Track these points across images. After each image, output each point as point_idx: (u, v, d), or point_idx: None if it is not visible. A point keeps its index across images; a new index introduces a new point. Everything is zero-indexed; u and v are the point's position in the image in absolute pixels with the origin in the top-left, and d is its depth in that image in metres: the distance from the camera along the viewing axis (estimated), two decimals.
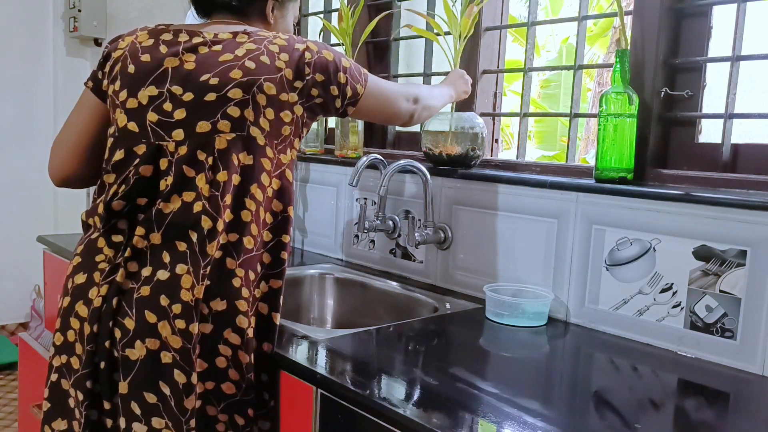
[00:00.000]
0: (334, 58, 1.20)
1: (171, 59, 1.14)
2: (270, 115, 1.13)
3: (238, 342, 1.09)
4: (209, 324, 1.07)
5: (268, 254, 1.15)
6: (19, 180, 3.39)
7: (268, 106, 1.13)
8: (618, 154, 1.35)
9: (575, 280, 1.40)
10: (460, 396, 1.01)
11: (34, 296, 3.46)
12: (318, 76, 1.17)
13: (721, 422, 1.01)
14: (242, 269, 1.10)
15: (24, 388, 2.18)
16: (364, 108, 1.26)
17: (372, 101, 1.26)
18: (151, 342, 1.05)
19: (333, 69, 1.19)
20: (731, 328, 1.18)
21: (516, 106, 1.76)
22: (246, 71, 1.13)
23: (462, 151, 1.61)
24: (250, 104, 1.12)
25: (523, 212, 1.49)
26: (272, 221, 1.16)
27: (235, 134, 1.11)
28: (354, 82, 1.22)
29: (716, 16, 1.34)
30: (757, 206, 1.14)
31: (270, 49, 1.16)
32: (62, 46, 3.47)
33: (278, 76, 1.14)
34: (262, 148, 1.13)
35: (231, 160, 1.11)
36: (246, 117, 1.11)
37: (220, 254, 1.09)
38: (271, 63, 1.14)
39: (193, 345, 1.05)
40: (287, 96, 1.14)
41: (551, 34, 5.37)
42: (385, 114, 1.32)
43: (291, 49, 1.17)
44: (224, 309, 1.08)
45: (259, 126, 1.13)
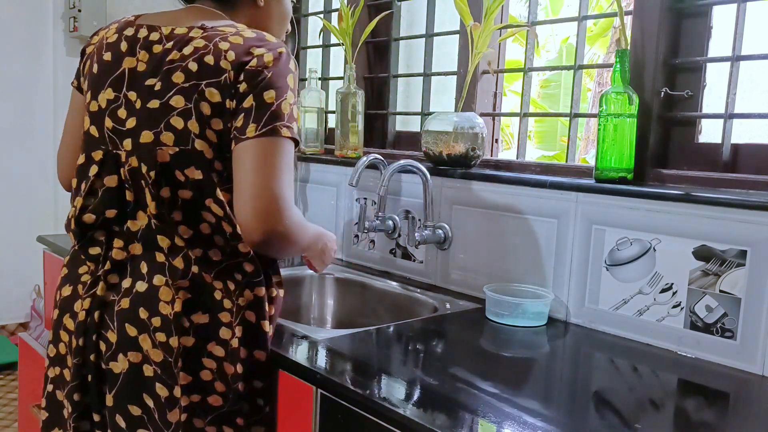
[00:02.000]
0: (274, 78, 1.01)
1: (128, 59, 1.07)
2: (217, 125, 1.02)
3: (222, 354, 1.05)
4: (191, 337, 1.04)
5: (249, 264, 1.06)
6: (19, 180, 3.39)
7: (214, 116, 1.01)
8: (618, 154, 1.35)
9: (575, 280, 1.40)
10: (460, 396, 1.01)
11: (34, 296, 3.45)
12: (243, 85, 1.01)
13: (721, 422, 1.01)
14: (219, 281, 1.06)
15: (24, 388, 2.18)
16: (237, 159, 1.01)
17: (249, 157, 1.00)
18: (133, 355, 1.03)
19: (259, 84, 1.00)
20: (731, 328, 1.18)
21: (516, 106, 1.76)
22: (188, 74, 1.02)
23: (462, 151, 1.61)
24: (193, 114, 1.01)
25: (523, 212, 1.49)
26: (230, 232, 1.05)
27: (179, 148, 1.02)
28: (259, 117, 0.99)
29: (716, 16, 1.34)
30: (757, 206, 1.14)
31: (219, 48, 1.02)
32: (62, 46, 3.46)
33: (221, 79, 1.01)
34: (209, 163, 1.03)
35: (175, 175, 1.02)
36: (190, 129, 1.01)
37: (197, 269, 1.05)
38: (215, 63, 1.01)
39: (175, 358, 1.02)
40: (231, 103, 1.01)
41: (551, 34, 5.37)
42: (248, 189, 1.00)
43: (244, 49, 1.02)
44: (206, 322, 1.05)
45: (206, 139, 1.02)
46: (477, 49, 1.61)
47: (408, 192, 1.75)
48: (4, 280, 3.40)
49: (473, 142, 1.62)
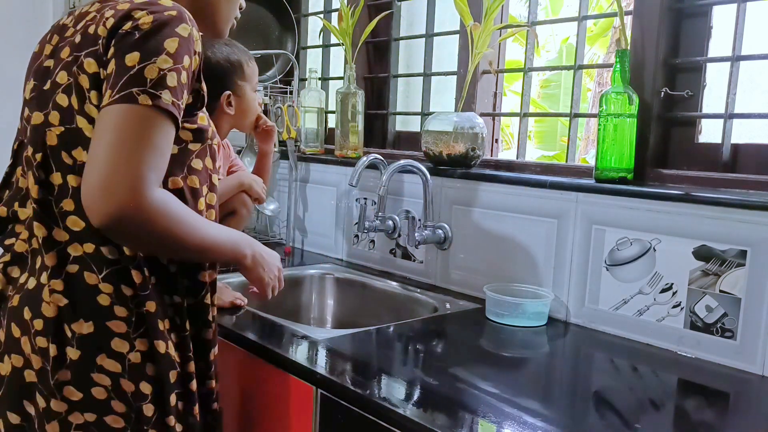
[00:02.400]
0: (142, 39, 0.86)
1: (47, 46, 1.00)
2: (95, 99, 0.89)
3: (117, 369, 0.91)
4: (75, 349, 0.90)
5: (137, 272, 0.92)
6: None
7: (93, 88, 0.89)
8: (618, 154, 1.35)
9: (575, 280, 1.40)
10: (460, 396, 1.01)
11: None
12: (111, 50, 0.88)
13: (721, 422, 1.01)
14: (108, 284, 0.91)
15: None
16: (94, 128, 0.87)
17: (97, 127, 0.86)
18: (15, 358, 0.93)
19: (125, 47, 0.86)
20: (731, 328, 1.18)
21: (516, 106, 1.76)
22: (72, 48, 0.93)
23: (462, 151, 1.61)
24: (73, 89, 0.91)
25: (523, 212, 1.49)
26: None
27: (64, 127, 0.92)
28: (115, 83, 0.85)
29: (716, 16, 1.34)
30: (757, 206, 1.14)
31: (104, 15, 0.91)
32: None
33: (98, 47, 0.90)
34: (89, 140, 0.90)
35: (62, 158, 0.92)
36: (73, 105, 0.91)
37: (77, 268, 0.91)
38: (95, 32, 0.91)
39: (53, 368, 0.90)
40: (104, 73, 0.89)
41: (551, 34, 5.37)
42: (87, 164, 0.85)
43: (126, 12, 0.90)
44: (91, 332, 0.91)
45: (85, 115, 0.90)
46: (477, 49, 1.61)
47: (408, 192, 1.75)
48: None
49: (473, 142, 1.62)
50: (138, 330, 0.92)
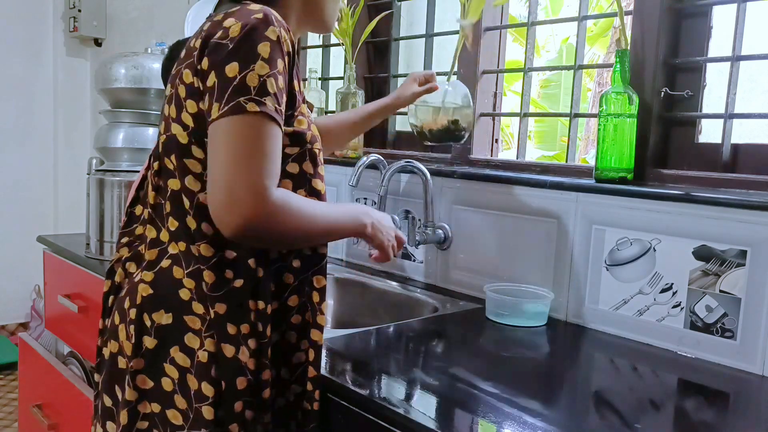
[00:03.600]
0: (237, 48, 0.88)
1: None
2: (191, 107, 0.93)
3: (186, 364, 0.94)
4: (152, 338, 0.95)
5: (210, 272, 0.94)
6: (19, 180, 3.39)
7: (188, 97, 0.94)
8: (618, 154, 1.35)
9: (575, 280, 1.40)
10: (460, 396, 1.01)
11: (34, 296, 3.46)
12: (205, 61, 0.91)
13: (721, 422, 1.01)
14: (191, 279, 0.95)
15: (24, 388, 2.18)
16: (208, 145, 0.91)
17: (213, 142, 0.89)
18: (113, 344, 1.00)
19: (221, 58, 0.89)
20: (731, 328, 1.18)
21: (516, 106, 1.76)
22: (179, 63, 0.98)
23: (444, 125, 1.56)
24: (173, 99, 0.96)
25: (523, 212, 1.49)
26: (213, 232, 0.94)
27: (166, 135, 0.97)
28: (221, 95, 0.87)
29: (716, 16, 1.34)
30: (757, 206, 1.14)
31: (202, 29, 0.95)
32: (62, 46, 3.47)
33: (192, 59, 0.93)
34: (185, 148, 0.94)
35: (165, 164, 0.98)
36: (170, 114, 0.97)
37: (168, 263, 0.97)
38: (194, 43, 0.95)
39: (130, 356, 0.96)
40: (199, 83, 0.93)
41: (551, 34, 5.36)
42: (211, 179, 0.89)
43: (218, 22, 0.92)
44: (169, 323, 0.95)
45: (181, 122, 0.95)
46: (470, 13, 1.53)
47: (408, 192, 1.75)
48: (4, 280, 3.41)
49: (454, 115, 1.56)
50: (210, 330, 0.94)
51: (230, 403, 0.94)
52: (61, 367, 1.91)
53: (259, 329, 0.96)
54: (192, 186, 0.94)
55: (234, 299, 0.94)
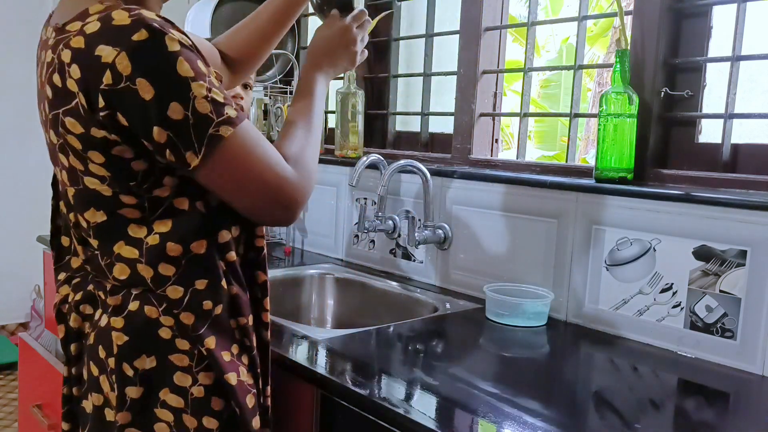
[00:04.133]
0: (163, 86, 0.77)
1: (39, 73, 0.92)
2: (98, 158, 0.82)
3: (180, 405, 0.88)
4: (137, 387, 0.88)
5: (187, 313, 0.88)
6: (19, 180, 3.39)
7: (88, 148, 0.82)
8: (618, 154, 1.35)
9: (575, 280, 1.40)
10: (460, 396, 1.01)
11: (34, 296, 3.46)
12: (117, 113, 0.78)
13: (721, 422, 1.01)
14: (169, 317, 0.88)
15: (24, 388, 2.18)
16: (211, 188, 0.86)
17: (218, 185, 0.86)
18: (96, 397, 0.93)
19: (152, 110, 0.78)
20: (731, 328, 1.18)
21: (516, 106, 1.76)
22: (49, 104, 0.84)
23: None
24: (68, 150, 0.84)
25: (523, 212, 1.49)
26: (172, 273, 0.87)
27: (75, 189, 0.87)
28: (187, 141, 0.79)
29: (716, 16, 1.34)
30: (757, 206, 1.14)
31: (62, 60, 0.80)
32: None
33: (73, 105, 0.80)
34: (111, 200, 0.85)
35: (79, 221, 0.90)
36: (75, 167, 0.85)
37: (137, 305, 0.88)
38: (63, 84, 0.80)
39: (115, 410, 0.89)
40: (102, 133, 0.80)
41: (551, 34, 5.36)
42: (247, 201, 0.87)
43: (87, 55, 0.78)
44: (153, 366, 0.88)
45: (93, 174, 0.84)
46: None
47: (408, 192, 1.75)
48: (4, 280, 3.40)
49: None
50: (201, 363, 0.89)
51: (248, 424, 0.92)
52: (61, 367, 1.91)
53: (246, 343, 0.94)
54: (137, 234, 0.86)
55: (219, 327, 0.89)
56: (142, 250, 0.86)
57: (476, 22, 1.70)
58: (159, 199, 0.86)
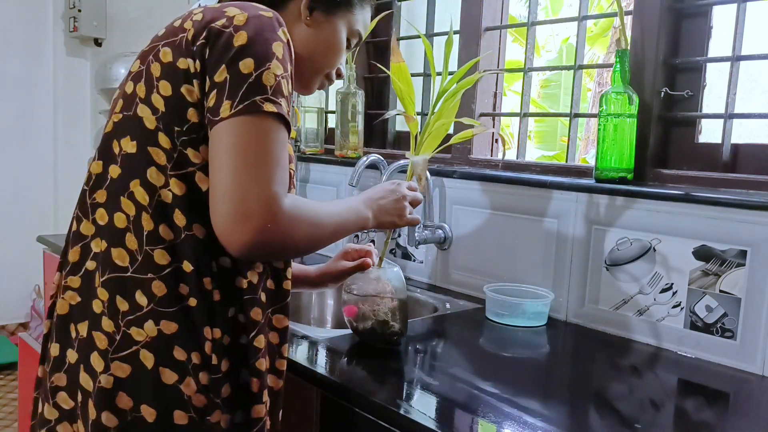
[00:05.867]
0: (251, 43, 0.81)
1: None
2: (165, 89, 0.84)
3: (89, 387, 0.83)
4: (75, 351, 0.86)
5: (160, 283, 0.83)
6: (19, 180, 3.39)
7: (163, 77, 0.85)
8: (618, 154, 1.35)
9: (575, 280, 1.40)
10: (460, 396, 1.01)
11: (34, 296, 3.45)
12: (207, 48, 0.83)
13: (721, 422, 1.01)
14: (105, 291, 0.84)
15: (24, 388, 2.18)
16: (211, 147, 0.83)
17: (223, 144, 0.81)
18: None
19: (232, 51, 0.81)
20: (731, 328, 1.18)
21: (516, 106, 1.76)
22: (153, 40, 0.90)
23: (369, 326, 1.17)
24: (143, 76, 0.86)
25: (523, 212, 1.49)
26: (170, 238, 0.84)
27: (122, 114, 0.87)
28: (233, 91, 0.80)
29: (716, 16, 1.34)
30: (757, 206, 1.14)
31: (192, 12, 0.89)
32: (62, 46, 3.47)
33: (179, 38, 0.85)
34: (150, 134, 0.84)
35: (111, 146, 0.87)
36: (137, 93, 0.86)
37: (93, 265, 0.86)
38: (180, 24, 0.88)
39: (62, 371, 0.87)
40: (187, 63, 0.83)
41: (551, 34, 5.36)
42: (220, 188, 0.80)
43: (217, 9, 0.87)
44: (84, 336, 0.85)
45: (150, 104, 0.85)
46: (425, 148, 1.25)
47: None
48: (4, 280, 3.41)
49: (384, 313, 1.17)
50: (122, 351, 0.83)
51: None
52: None
53: (213, 362, 0.85)
54: (154, 180, 0.84)
55: (186, 320, 0.83)
56: (153, 200, 0.84)
57: (476, 22, 1.70)
58: (187, 160, 0.84)
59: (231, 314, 0.88)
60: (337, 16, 1.02)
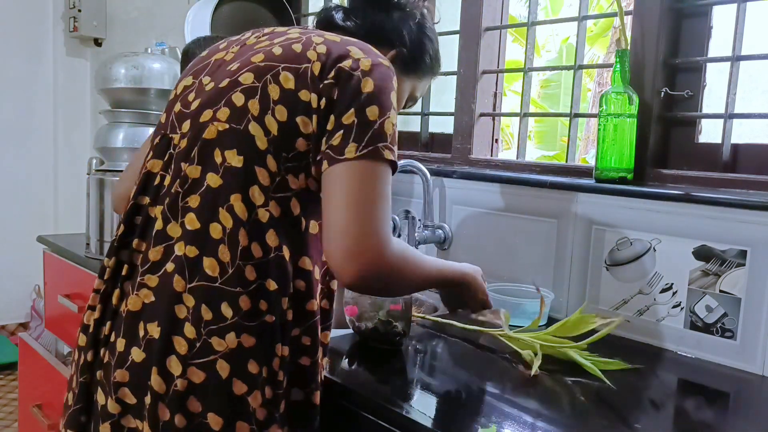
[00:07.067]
0: (377, 92, 0.87)
1: (220, 53, 0.99)
2: (281, 115, 0.87)
3: (162, 389, 0.84)
4: (141, 351, 0.86)
5: (247, 298, 0.86)
6: (19, 180, 3.39)
7: (281, 102, 0.88)
8: (618, 154, 1.35)
9: (575, 280, 1.40)
10: (461, 396, 1.01)
11: (34, 296, 3.46)
12: (335, 88, 0.87)
13: (721, 422, 1.01)
14: (192, 297, 0.86)
15: (24, 388, 2.18)
16: (328, 184, 0.86)
17: (343, 183, 0.85)
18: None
19: (361, 97, 0.86)
20: (731, 328, 1.18)
21: (516, 106, 1.76)
22: (268, 56, 0.91)
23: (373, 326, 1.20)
24: (258, 93, 0.89)
25: (523, 212, 1.49)
26: (259, 256, 0.87)
27: (229, 125, 0.89)
28: (360, 136, 0.85)
29: (716, 16, 1.34)
30: (757, 206, 1.14)
31: (312, 40, 0.91)
32: (62, 46, 3.47)
33: (302, 67, 0.88)
34: (260, 154, 0.87)
35: (212, 154, 0.88)
36: (249, 108, 0.88)
37: (172, 267, 0.87)
38: (303, 51, 0.90)
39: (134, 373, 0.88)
40: (309, 96, 0.87)
41: (551, 34, 5.36)
42: (339, 223, 0.84)
43: (341, 46, 0.91)
44: (158, 337, 0.85)
45: (263, 124, 0.87)
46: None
47: (408, 192, 1.75)
48: (4, 280, 3.40)
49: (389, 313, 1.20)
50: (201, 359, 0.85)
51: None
52: (61, 367, 1.91)
53: (279, 378, 0.89)
54: (255, 198, 0.87)
55: (264, 335, 0.86)
56: (250, 217, 0.87)
57: (476, 22, 1.70)
58: (287, 185, 0.88)
59: (295, 334, 0.92)
60: (409, 77, 1.10)
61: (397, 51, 1.07)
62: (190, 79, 0.99)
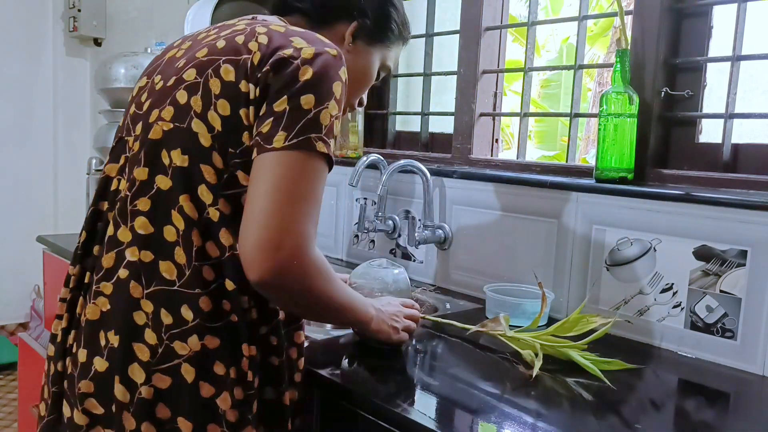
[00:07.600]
0: (316, 81, 0.83)
1: (173, 50, 0.97)
2: (224, 109, 0.85)
3: (126, 399, 0.83)
4: (104, 360, 0.85)
5: (207, 299, 0.84)
6: (19, 180, 3.39)
7: (222, 96, 0.85)
8: (618, 154, 1.35)
9: (575, 280, 1.40)
10: (460, 396, 1.01)
11: (34, 296, 3.45)
12: (271, 76, 0.84)
13: (721, 422, 1.01)
14: (150, 303, 0.84)
15: (24, 388, 2.18)
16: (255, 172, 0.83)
17: (269, 173, 0.81)
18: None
19: (297, 84, 0.83)
20: (731, 328, 1.18)
21: (516, 106, 1.76)
22: (211, 50, 0.89)
23: None
24: (200, 89, 0.86)
25: (523, 212, 1.49)
26: (216, 256, 0.85)
27: (174, 125, 0.86)
28: (291, 124, 0.81)
29: (716, 16, 1.34)
30: (757, 206, 1.14)
31: (255, 31, 0.89)
32: (62, 46, 3.47)
33: (242, 58, 0.86)
34: (205, 151, 0.85)
35: (160, 155, 0.86)
36: (192, 105, 0.86)
37: (126, 274, 0.85)
38: (244, 42, 0.87)
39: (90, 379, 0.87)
40: (247, 86, 0.84)
41: (551, 34, 5.36)
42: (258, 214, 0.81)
43: (283, 36, 0.88)
44: (117, 346, 0.84)
45: (206, 121, 0.85)
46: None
47: (408, 192, 1.75)
48: (4, 280, 3.40)
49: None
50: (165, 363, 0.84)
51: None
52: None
53: (249, 378, 0.87)
54: (204, 197, 0.85)
55: (228, 336, 0.85)
56: (201, 216, 0.85)
57: (476, 22, 1.70)
58: (236, 181, 0.85)
59: (263, 332, 0.90)
60: (376, 47, 1.07)
61: (359, 23, 1.03)
62: (145, 80, 0.98)
